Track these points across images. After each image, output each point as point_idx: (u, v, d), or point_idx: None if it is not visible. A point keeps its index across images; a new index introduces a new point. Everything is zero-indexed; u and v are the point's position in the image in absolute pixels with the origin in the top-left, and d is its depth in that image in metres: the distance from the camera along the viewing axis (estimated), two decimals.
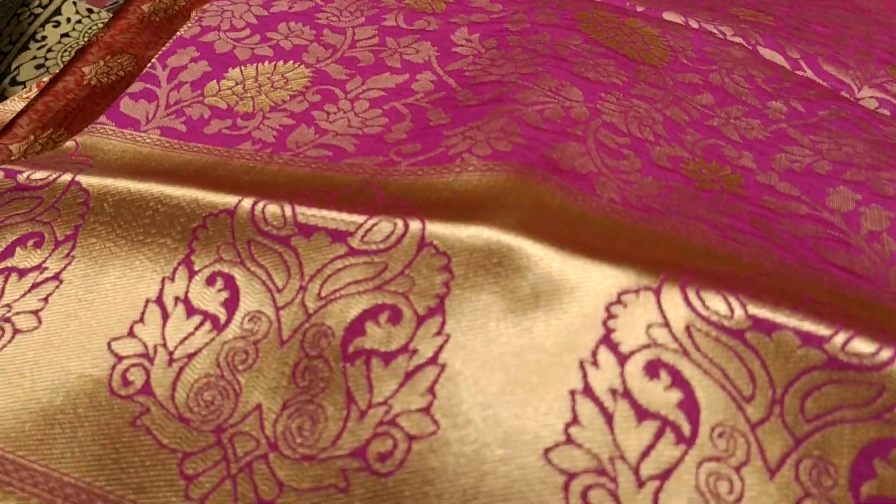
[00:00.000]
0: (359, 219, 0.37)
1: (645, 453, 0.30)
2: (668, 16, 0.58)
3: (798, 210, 0.42)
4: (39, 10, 0.73)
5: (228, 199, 0.39)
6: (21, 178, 0.43)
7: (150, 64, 0.53)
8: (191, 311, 0.36)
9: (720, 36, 0.56)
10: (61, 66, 0.70)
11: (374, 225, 0.36)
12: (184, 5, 0.68)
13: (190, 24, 0.56)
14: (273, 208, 0.38)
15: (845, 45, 0.59)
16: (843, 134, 0.48)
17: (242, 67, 0.52)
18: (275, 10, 0.57)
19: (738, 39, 0.56)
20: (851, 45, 0.59)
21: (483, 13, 0.55)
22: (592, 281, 0.33)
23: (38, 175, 0.42)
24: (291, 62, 0.52)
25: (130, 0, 0.70)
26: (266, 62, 0.52)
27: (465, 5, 0.56)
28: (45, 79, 0.65)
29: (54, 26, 0.72)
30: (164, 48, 0.54)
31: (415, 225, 0.36)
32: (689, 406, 0.30)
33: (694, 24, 0.57)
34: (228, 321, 0.36)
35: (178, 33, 0.55)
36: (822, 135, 0.48)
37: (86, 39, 0.72)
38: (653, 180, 0.41)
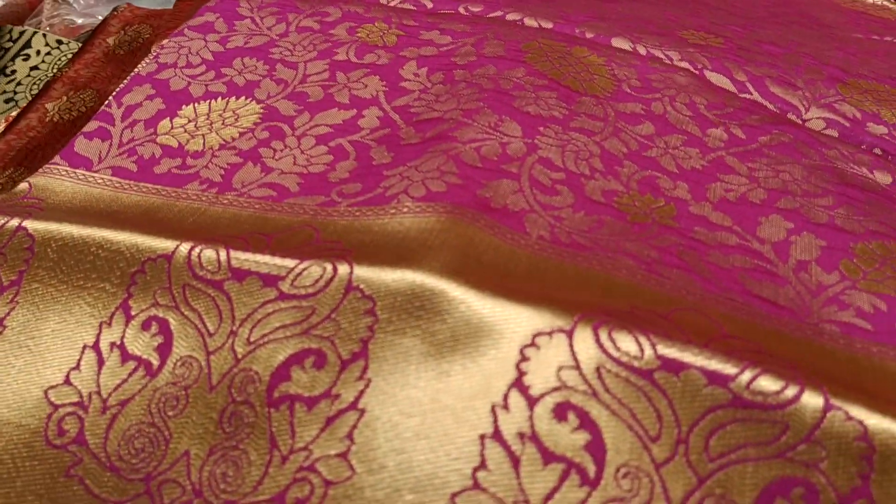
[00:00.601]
0: (290, 263, 0.38)
1: (549, 496, 0.31)
2: (617, 42, 0.58)
3: (728, 241, 0.42)
4: (10, 44, 0.74)
5: (167, 244, 0.40)
6: None
7: (106, 102, 0.54)
8: (125, 356, 0.37)
9: (667, 61, 0.57)
10: (30, 99, 0.71)
11: (304, 269, 0.37)
12: (148, 37, 0.69)
13: (148, 61, 0.57)
14: (209, 253, 0.39)
15: (796, 65, 0.59)
16: (782, 160, 0.49)
17: (196, 104, 0.53)
18: (230, 46, 0.58)
19: (684, 64, 0.57)
20: (804, 63, 0.60)
21: (433, 46, 0.56)
22: (510, 323, 0.34)
23: None
24: (243, 98, 0.53)
25: (97, 33, 0.71)
26: (219, 98, 0.54)
27: (415, 38, 0.57)
28: (14, 113, 0.66)
29: (24, 59, 0.73)
30: (121, 85, 0.56)
31: (343, 269, 0.37)
32: (596, 447, 0.31)
33: (641, 51, 0.58)
34: (161, 367, 0.37)
35: (135, 70, 0.57)
36: (760, 161, 0.48)
37: (54, 71, 0.73)
38: (584, 215, 0.42)
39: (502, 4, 0.62)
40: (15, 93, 0.71)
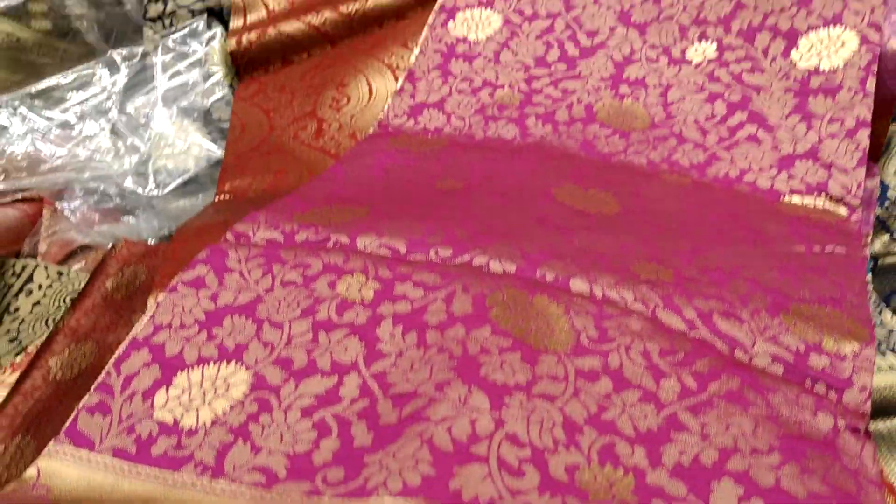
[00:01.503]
0: None
1: None
2: (575, 284, 0.64)
3: None
4: (14, 279, 0.80)
5: None
6: None
7: (105, 370, 0.58)
8: None
9: (621, 304, 0.62)
10: (33, 336, 0.76)
11: None
12: (144, 281, 0.74)
13: (144, 322, 0.62)
14: None
15: (741, 294, 0.64)
16: (732, 411, 0.53)
17: (189, 371, 0.58)
18: (221, 304, 0.63)
19: (638, 306, 0.62)
20: (748, 290, 0.65)
21: (406, 300, 0.61)
22: None
23: None
24: (234, 363, 0.58)
25: (96, 273, 0.76)
26: (211, 364, 0.58)
27: (390, 292, 0.62)
28: (18, 359, 0.70)
29: (27, 295, 0.78)
30: (119, 351, 0.60)
31: None
32: None
33: (598, 292, 0.63)
34: None
35: (131, 334, 0.61)
36: (711, 415, 0.53)
37: (56, 305, 0.78)
38: (549, 497, 0.46)
39: (469, 247, 0.68)
40: (19, 331, 0.76)
